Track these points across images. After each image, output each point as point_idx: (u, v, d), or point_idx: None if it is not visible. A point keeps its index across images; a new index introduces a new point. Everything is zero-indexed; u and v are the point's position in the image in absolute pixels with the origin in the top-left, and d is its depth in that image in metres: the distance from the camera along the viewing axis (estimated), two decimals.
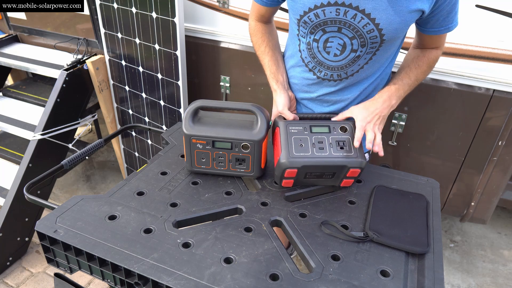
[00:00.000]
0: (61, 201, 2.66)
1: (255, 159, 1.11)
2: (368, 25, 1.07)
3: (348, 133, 1.09)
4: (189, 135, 1.09)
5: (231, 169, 1.14)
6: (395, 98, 1.18)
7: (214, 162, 1.13)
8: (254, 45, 1.36)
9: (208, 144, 1.10)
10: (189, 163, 1.15)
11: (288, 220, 1.00)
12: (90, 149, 1.33)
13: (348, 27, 1.09)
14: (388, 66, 1.27)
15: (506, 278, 2.16)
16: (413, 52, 1.26)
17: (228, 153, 1.11)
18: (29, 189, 1.10)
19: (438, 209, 1.08)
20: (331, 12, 1.07)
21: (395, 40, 1.13)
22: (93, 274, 0.92)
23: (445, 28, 1.14)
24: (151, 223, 0.96)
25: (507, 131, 1.64)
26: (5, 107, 2.39)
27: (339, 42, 1.14)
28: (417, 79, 1.23)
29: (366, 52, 1.15)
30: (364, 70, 1.21)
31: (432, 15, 1.08)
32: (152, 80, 2.08)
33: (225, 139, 1.09)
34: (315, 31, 1.14)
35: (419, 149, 1.84)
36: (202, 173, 1.18)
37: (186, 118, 1.10)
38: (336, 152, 1.05)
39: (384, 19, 1.05)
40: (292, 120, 1.12)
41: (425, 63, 1.22)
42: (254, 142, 1.08)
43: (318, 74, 1.24)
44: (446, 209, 1.97)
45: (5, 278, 2.07)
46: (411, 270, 0.88)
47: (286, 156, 1.03)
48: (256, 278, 0.82)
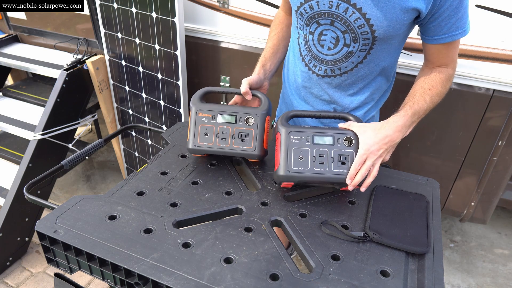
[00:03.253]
0: (61, 201, 2.66)
1: (258, 134, 1.14)
2: (359, 20, 1.05)
3: (353, 146, 1.03)
4: (196, 108, 1.17)
5: (233, 146, 1.14)
6: (410, 125, 1.10)
7: (217, 138, 1.15)
8: (270, 28, 1.41)
9: (214, 117, 1.16)
10: (192, 140, 1.16)
11: (288, 220, 1.00)
12: (90, 149, 1.33)
13: (340, 21, 1.08)
14: (389, 69, 1.22)
15: (506, 278, 2.16)
16: (423, 72, 1.19)
17: (232, 127, 1.15)
18: (29, 189, 1.10)
19: (438, 209, 1.08)
20: (324, 4, 1.07)
21: (389, 39, 1.09)
22: (93, 274, 0.92)
23: (449, 36, 1.06)
24: (151, 223, 0.96)
25: (507, 131, 1.64)
26: (5, 107, 2.39)
27: (332, 35, 1.13)
28: (432, 102, 1.13)
29: (359, 49, 1.12)
30: (359, 69, 1.18)
31: (432, 19, 1.04)
32: (152, 80, 2.08)
33: (230, 112, 1.16)
34: (310, 23, 1.14)
35: (419, 149, 1.84)
36: (204, 154, 1.20)
37: (195, 97, 1.20)
38: (337, 168, 1.02)
39: (375, 14, 1.03)
40: (295, 128, 1.06)
41: (439, 84, 1.13)
42: (258, 115, 1.14)
43: (313, 69, 1.23)
44: (446, 209, 1.97)
45: (5, 278, 2.07)
46: (411, 270, 0.88)
47: (284, 169, 1.02)
48: (256, 278, 0.82)
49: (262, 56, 1.34)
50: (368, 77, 1.21)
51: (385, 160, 1.07)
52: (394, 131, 1.05)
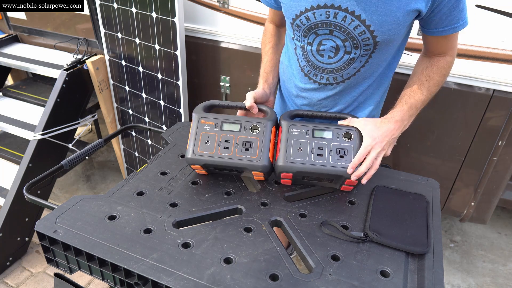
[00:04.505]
0: (61, 201, 2.66)
1: (264, 143, 1.07)
2: (359, 27, 1.04)
3: (352, 141, 1.05)
4: (199, 116, 1.12)
5: (236, 155, 1.06)
6: (408, 118, 1.12)
7: (219, 147, 1.07)
8: (262, 44, 1.39)
9: (217, 125, 1.10)
10: (191, 148, 1.08)
11: (288, 220, 1.00)
12: (90, 149, 1.33)
13: (339, 30, 1.07)
14: (389, 68, 1.21)
15: (506, 278, 2.16)
16: (421, 61, 1.19)
17: (235, 136, 1.08)
18: (29, 189, 1.10)
19: (438, 209, 1.07)
20: (321, 15, 1.05)
21: (391, 42, 1.08)
22: (92, 274, 0.92)
23: (451, 28, 1.06)
24: (151, 223, 0.96)
25: (507, 131, 1.64)
26: (5, 107, 2.39)
27: (331, 44, 1.11)
28: (430, 92, 1.14)
29: (361, 55, 1.11)
30: (361, 73, 1.17)
31: (433, 14, 1.03)
32: (152, 80, 2.08)
33: (234, 121, 1.10)
34: (308, 34, 1.12)
35: (419, 149, 1.84)
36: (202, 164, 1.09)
37: (199, 107, 1.15)
38: (335, 160, 1.02)
39: (375, 20, 1.02)
40: (296, 121, 1.09)
41: (436, 73, 1.14)
42: (264, 123, 1.09)
43: (314, 79, 1.21)
44: (446, 209, 1.97)
45: (5, 278, 2.07)
46: (411, 270, 0.87)
47: (283, 159, 1.04)
48: (256, 278, 0.82)
49: (263, 71, 1.32)
50: (369, 79, 1.21)
51: (387, 154, 1.09)
52: (394, 125, 1.08)
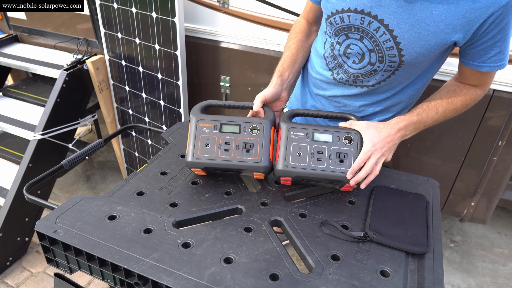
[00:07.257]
0: (61, 201, 2.66)
1: (264, 144, 1.06)
2: (388, 42, 1.02)
3: (352, 145, 1.03)
4: (197, 119, 1.09)
5: (237, 157, 1.06)
6: (411, 130, 1.10)
7: (219, 149, 1.07)
8: (288, 37, 1.34)
9: (216, 128, 1.08)
10: (191, 152, 1.07)
11: (288, 220, 1.00)
12: (90, 149, 1.33)
13: (369, 38, 1.05)
14: (413, 89, 1.17)
15: (506, 278, 2.16)
16: (451, 84, 1.16)
17: (235, 138, 1.07)
18: (29, 189, 1.10)
19: (438, 209, 1.08)
20: (356, 20, 1.04)
21: (417, 64, 1.06)
22: (93, 274, 0.92)
23: (487, 66, 1.03)
24: (151, 223, 0.96)
25: (507, 131, 1.64)
26: (5, 107, 2.39)
27: (358, 51, 1.10)
28: (445, 116, 1.12)
29: (383, 69, 1.09)
30: (382, 86, 1.15)
31: (471, 47, 1.00)
32: (152, 80, 2.08)
33: (233, 122, 1.08)
34: (339, 34, 1.11)
35: (419, 149, 1.84)
36: (203, 167, 1.09)
37: (195, 108, 1.12)
38: (334, 165, 1.02)
39: (406, 39, 1.00)
40: (295, 124, 1.07)
41: (459, 101, 1.11)
42: (264, 123, 1.07)
43: (335, 76, 1.20)
44: (446, 209, 1.97)
45: (5, 278, 2.07)
46: (411, 270, 0.87)
47: (282, 164, 1.03)
48: (256, 278, 0.82)
49: (280, 66, 1.27)
50: (388, 92, 1.18)
51: (387, 159, 1.07)
52: (395, 131, 1.06)
